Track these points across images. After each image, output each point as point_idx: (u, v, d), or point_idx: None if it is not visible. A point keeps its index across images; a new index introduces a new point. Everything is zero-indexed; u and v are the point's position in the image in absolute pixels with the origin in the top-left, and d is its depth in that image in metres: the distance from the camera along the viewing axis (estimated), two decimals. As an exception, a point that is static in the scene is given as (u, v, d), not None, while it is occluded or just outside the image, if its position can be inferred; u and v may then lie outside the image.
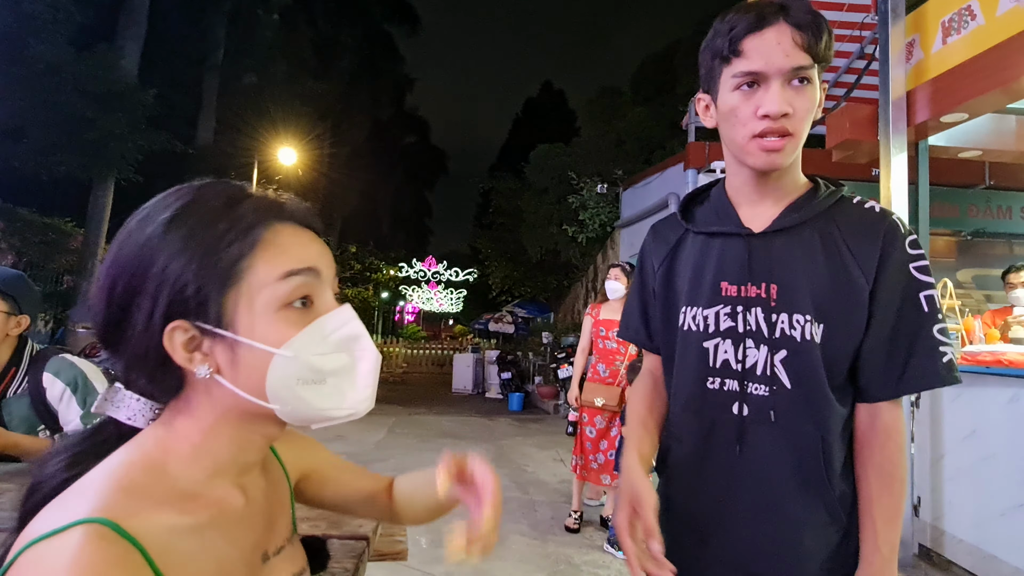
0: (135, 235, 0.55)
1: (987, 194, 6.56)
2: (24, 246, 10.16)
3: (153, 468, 0.54)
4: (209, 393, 0.56)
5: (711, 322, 0.96)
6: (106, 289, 0.55)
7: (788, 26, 0.86)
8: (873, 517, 0.87)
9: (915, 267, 0.89)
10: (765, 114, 0.87)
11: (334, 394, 0.57)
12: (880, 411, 0.90)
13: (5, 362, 1.63)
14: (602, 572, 3.08)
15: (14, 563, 0.45)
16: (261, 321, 0.54)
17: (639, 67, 16.34)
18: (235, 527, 0.58)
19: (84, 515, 0.46)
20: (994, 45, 3.14)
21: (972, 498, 2.99)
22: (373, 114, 25.51)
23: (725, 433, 0.94)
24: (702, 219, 1.04)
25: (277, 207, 0.59)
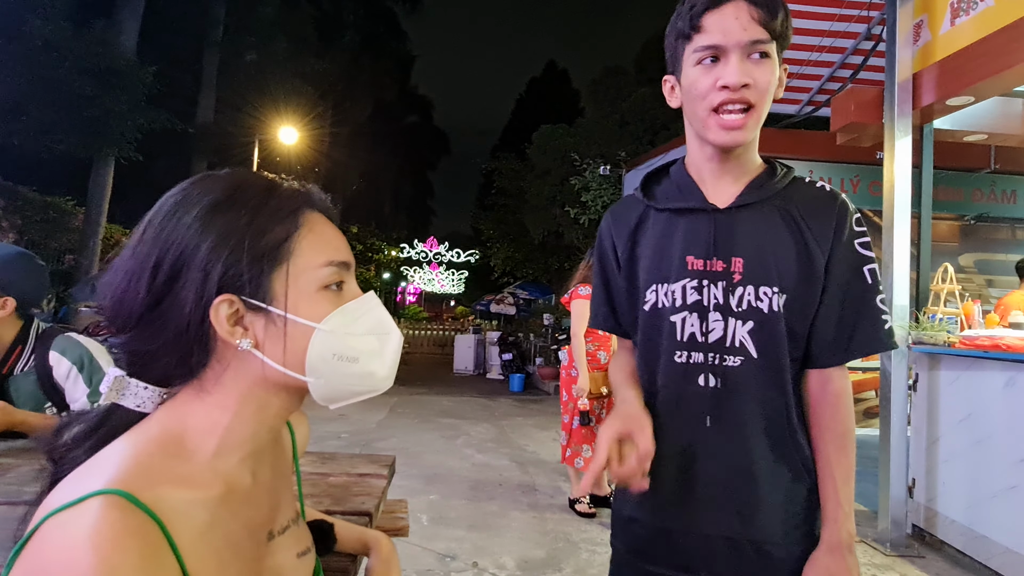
0: (179, 216, 0.57)
1: (992, 178, 6.52)
2: (25, 225, 10.16)
3: (171, 443, 0.55)
4: (238, 370, 0.58)
5: (678, 296, 0.98)
6: (150, 269, 0.55)
7: (745, 2, 0.90)
8: (834, 477, 0.93)
9: (859, 243, 0.96)
10: (724, 85, 0.90)
11: (364, 372, 0.62)
12: (831, 377, 0.96)
13: (11, 341, 1.64)
14: (599, 549, 3.13)
15: (35, 533, 0.47)
16: (302, 299, 0.59)
17: (644, 46, 16.15)
18: (244, 505, 0.60)
19: (101, 486, 0.48)
20: (1003, 27, 3.09)
21: (966, 480, 3.02)
22: (375, 93, 25.26)
23: (693, 405, 0.97)
24: (663, 196, 1.06)
25: (308, 195, 0.64)
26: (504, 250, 17.58)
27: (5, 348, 1.64)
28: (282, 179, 0.65)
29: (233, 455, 0.59)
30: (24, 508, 0.54)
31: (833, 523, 0.92)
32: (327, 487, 1.28)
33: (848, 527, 0.92)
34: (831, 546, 0.91)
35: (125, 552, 0.46)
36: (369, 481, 1.34)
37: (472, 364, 12.61)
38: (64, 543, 0.45)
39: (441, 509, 3.66)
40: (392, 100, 27.97)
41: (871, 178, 6.08)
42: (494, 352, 11.67)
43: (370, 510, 1.16)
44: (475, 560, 2.95)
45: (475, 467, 4.69)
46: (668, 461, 0.97)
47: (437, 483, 4.18)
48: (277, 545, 0.64)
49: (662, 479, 0.96)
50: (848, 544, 0.92)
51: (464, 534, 3.28)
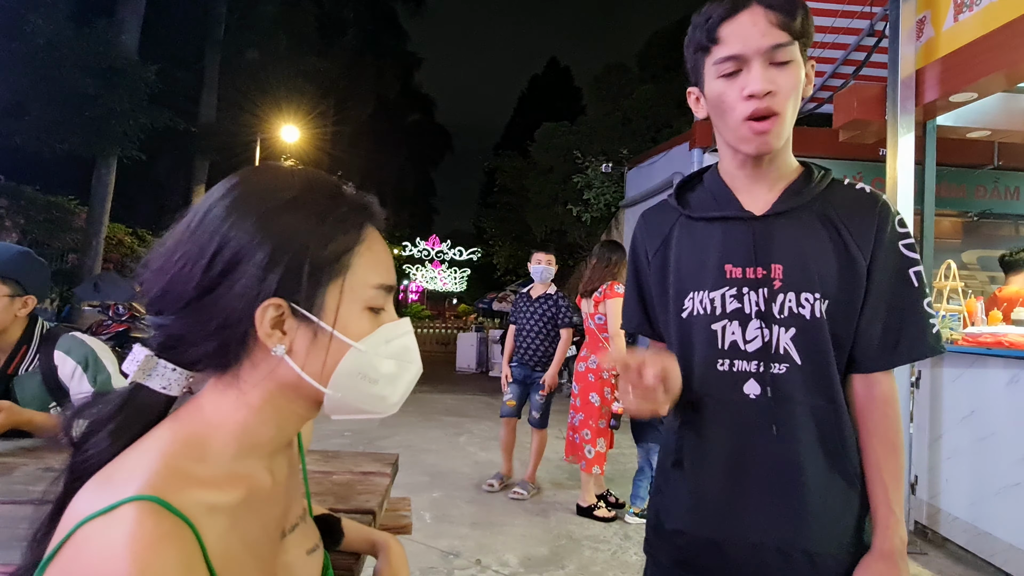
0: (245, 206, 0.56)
1: (995, 174, 6.49)
2: (28, 224, 10.20)
3: (197, 445, 0.55)
4: (266, 371, 0.58)
5: (717, 304, 0.97)
6: (208, 256, 0.55)
7: (761, 7, 0.89)
8: (884, 481, 0.92)
9: (904, 244, 0.94)
10: (750, 94, 0.89)
11: (378, 395, 0.62)
12: (877, 381, 0.95)
13: (16, 340, 1.65)
14: (602, 546, 3.13)
15: (68, 540, 0.46)
16: (347, 315, 0.59)
17: (646, 44, 16.09)
18: (262, 506, 0.60)
19: (134, 492, 0.48)
20: (1006, 22, 3.08)
21: (969, 477, 3.02)
22: (377, 92, 25.24)
23: (740, 414, 0.95)
24: (698, 204, 1.05)
25: (369, 207, 0.64)
26: (506, 248, 17.57)
27: (10, 348, 1.65)
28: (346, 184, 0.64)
29: (254, 456, 0.60)
30: (33, 507, 0.54)
31: (885, 529, 0.91)
32: (331, 485, 1.29)
33: (900, 533, 0.91)
34: (883, 553, 0.90)
35: (163, 558, 0.46)
36: (372, 479, 1.34)
37: (475, 362, 12.62)
38: (101, 552, 0.45)
39: (444, 507, 3.67)
40: (394, 98, 27.95)
41: (874, 175, 6.06)
42: (497, 350, 11.66)
43: (374, 508, 1.17)
44: (478, 558, 2.96)
45: (478, 465, 4.70)
46: (716, 470, 0.97)
47: (440, 481, 4.19)
48: (288, 543, 0.65)
49: (710, 489, 0.96)
50: (901, 550, 0.91)
51: (467, 532, 3.29)
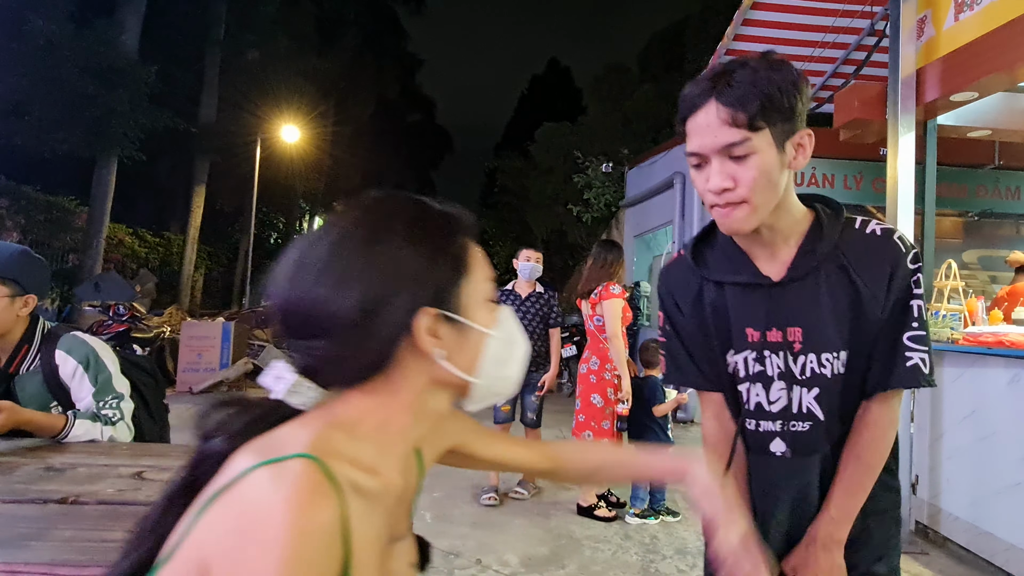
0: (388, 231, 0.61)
1: (996, 174, 6.49)
2: (29, 224, 10.20)
3: (346, 427, 0.59)
4: (411, 373, 0.63)
5: (740, 367, 1.03)
6: (366, 281, 0.59)
7: (715, 104, 0.90)
8: (840, 483, 1.00)
9: (913, 280, 0.98)
10: (710, 190, 0.93)
11: (506, 376, 0.69)
12: (868, 407, 1.01)
13: (17, 340, 1.65)
14: (602, 546, 3.13)
15: (236, 481, 0.50)
16: (478, 309, 0.66)
17: (647, 44, 16.11)
18: (389, 504, 0.63)
19: (299, 451, 0.52)
20: (1008, 21, 3.08)
21: (969, 477, 3.02)
22: (377, 92, 25.23)
23: (767, 468, 1.05)
24: (716, 266, 1.07)
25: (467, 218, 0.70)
26: (507, 248, 17.58)
27: (12, 347, 1.64)
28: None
29: (391, 455, 0.63)
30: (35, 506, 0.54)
31: (821, 519, 1.01)
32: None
33: (834, 531, 0.99)
34: (810, 538, 1.01)
35: (318, 515, 0.49)
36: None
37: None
38: (267, 496, 0.49)
39: (445, 507, 3.67)
40: (394, 99, 27.94)
41: (874, 175, 6.06)
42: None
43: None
44: (479, 557, 2.95)
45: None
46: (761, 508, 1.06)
47: (441, 481, 4.18)
48: (396, 551, 0.67)
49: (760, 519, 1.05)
50: (826, 544, 0.99)
51: (468, 531, 3.29)
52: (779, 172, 0.92)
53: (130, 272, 13.30)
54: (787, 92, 0.90)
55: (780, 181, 0.93)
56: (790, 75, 0.92)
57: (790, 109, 0.91)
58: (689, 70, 11.98)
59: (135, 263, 14.07)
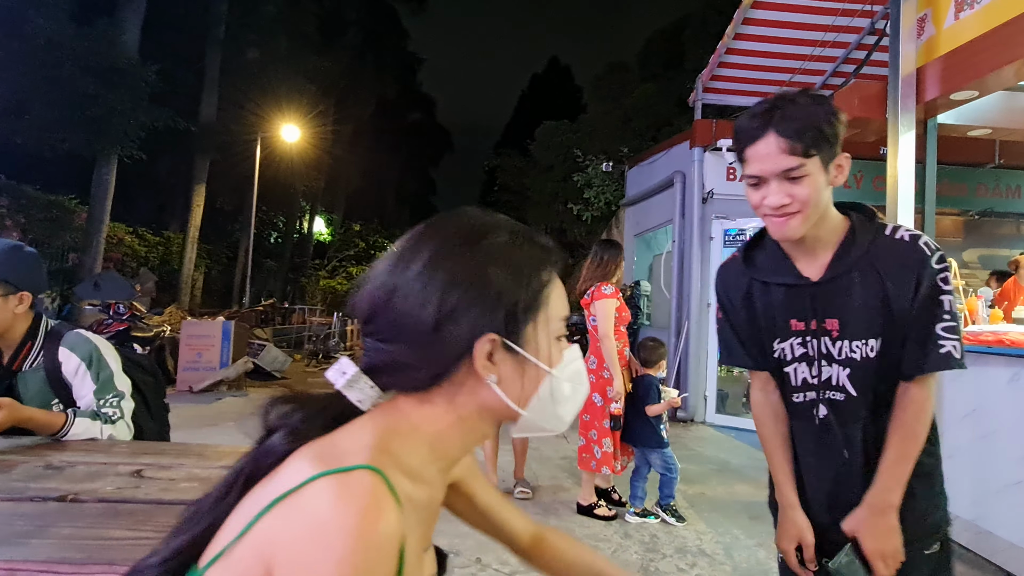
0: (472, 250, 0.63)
1: (996, 173, 6.49)
2: (29, 223, 10.20)
3: (401, 436, 0.61)
4: (468, 393, 0.64)
5: (787, 352, 1.25)
6: (441, 297, 0.60)
7: (774, 135, 1.09)
8: (889, 455, 1.16)
9: (940, 278, 1.13)
10: (771, 206, 1.13)
11: (558, 415, 0.69)
12: (910, 387, 1.16)
13: (21, 337, 1.64)
14: (602, 545, 3.13)
15: (301, 488, 0.51)
16: (545, 345, 0.66)
17: (647, 42, 16.10)
18: (429, 516, 0.66)
19: (363, 462, 0.54)
20: (1008, 20, 3.08)
21: (970, 476, 3.02)
22: (378, 91, 25.24)
23: (811, 430, 1.25)
24: (763, 268, 1.28)
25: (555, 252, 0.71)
26: (507, 247, 17.51)
27: (16, 344, 1.64)
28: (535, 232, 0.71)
29: (437, 466, 0.65)
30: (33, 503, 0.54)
31: (876, 488, 1.16)
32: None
33: (888, 496, 1.14)
34: (868, 503, 1.16)
35: (384, 526, 0.51)
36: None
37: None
38: (337, 505, 0.50)
39: (444, 505, 3.67)
40: (395, 98, 27.95)
41: (874, 173, 6.06)
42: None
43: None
44: (478, 556, 2.96)
45: (479, 464, 4.70)
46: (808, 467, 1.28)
47: (440, 479, 4.19)
48: (425, 559, 0.69)
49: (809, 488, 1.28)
50: (882, 507, 1.15)
51: (467, 530, 3.22)
52: (824, 189, 1.13)
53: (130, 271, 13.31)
54: (831, 123, 1.10)
55: (824, 197, 1.13)
56: (831, 108, 1.12)
57: (834, 136, 1.11)
58: (689, 69, 11.97)
59: (135, 262, 14.08)
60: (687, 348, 6.61)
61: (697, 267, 6.62)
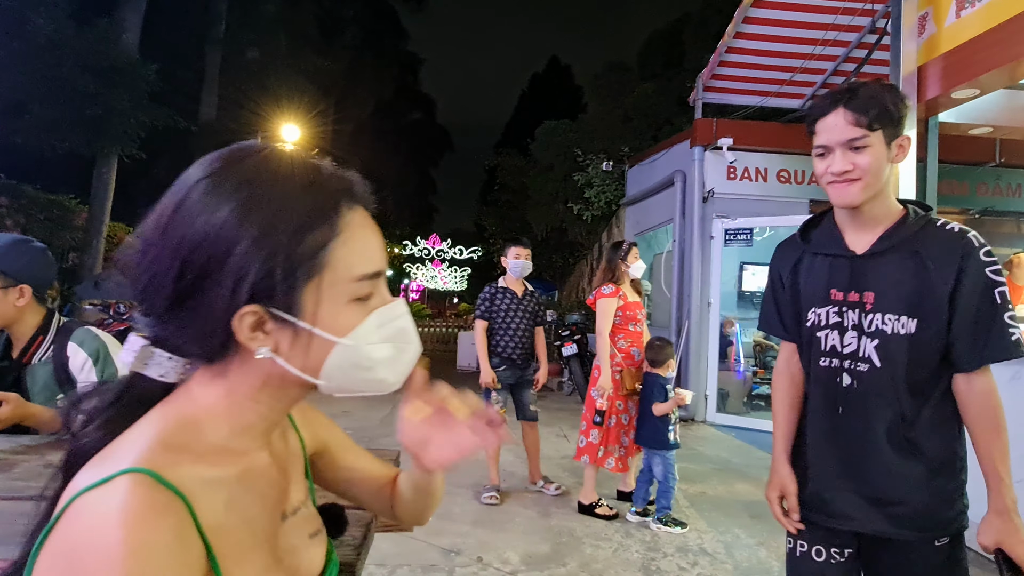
0: (213, 205, 0.54)
1: (997, 171, 6.49)
2: (29, 223, 10.18)
3: (188, 425, 0.56)
4: (255, 365, 0.57)
5: (823, 318, 1.32)
6: (178, 266, 0.53)
7: (843, 109, 1.22)
8: (991, 457, 1.18)
9: (990, 271, 1.20)
10: (834, 172, 1.24)
11: (376, 379, 0.61)
12: (975, 378, 1.21)
13: (33, 331, 1.67)
14: (603, 544, 3.13)
15: (64, 512, 0.47)
16: (329, 311, 0.57)
17: (647, 42, 16.08)
18: (260, 483, 0.61)
19: (127, 466, 0.48)
20: (1009, 18, 3.07)
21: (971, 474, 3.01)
22: (377, 91, 25.24)
23: (832, 397, 1.31)
24: (817, 241, 1.37)
25: (350, 188, 0.60)
26: (507, 246, 17.52)
27: (27, 337, 1.67)
28: (324, 164, 0.61)
29: (246, 436, 0.60)
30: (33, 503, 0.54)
31: (995, 492, 1.17)
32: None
33: (1010, 495, 1.16)
34: (997, 510, 1.17)
35: (154, 529, 0.46)
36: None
37: (475, 361, 12.59)
38: (93, 521, 0.46)
39: (446, 504, 3.67)
40: (394, 97, 27.96)
41: (875, 172, 6.06)
42: (498, 349, 11.66)
43: (375, 504, 1.16)
44: (479, 555, 2.96)
45: (479, 463, 4.69)
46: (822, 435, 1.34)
47: (441, 479, 4.18)
48: (290, 525, 0.65)
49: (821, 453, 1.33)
50: (1012, 508, 1.16)
51: (468, 529, 3.29)
52: (885, 164, 1.22)
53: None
54: (896, 105, 1.21)
55: (885, 172, 1.23)
56: (898, 93, 1.24)
57: (898, 118, 1.22)
58: (689, 68, 11.95)
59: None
60: (687, 347, 6.61)
61: (697, 266, 6.62)
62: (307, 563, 0.66)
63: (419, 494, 0.83)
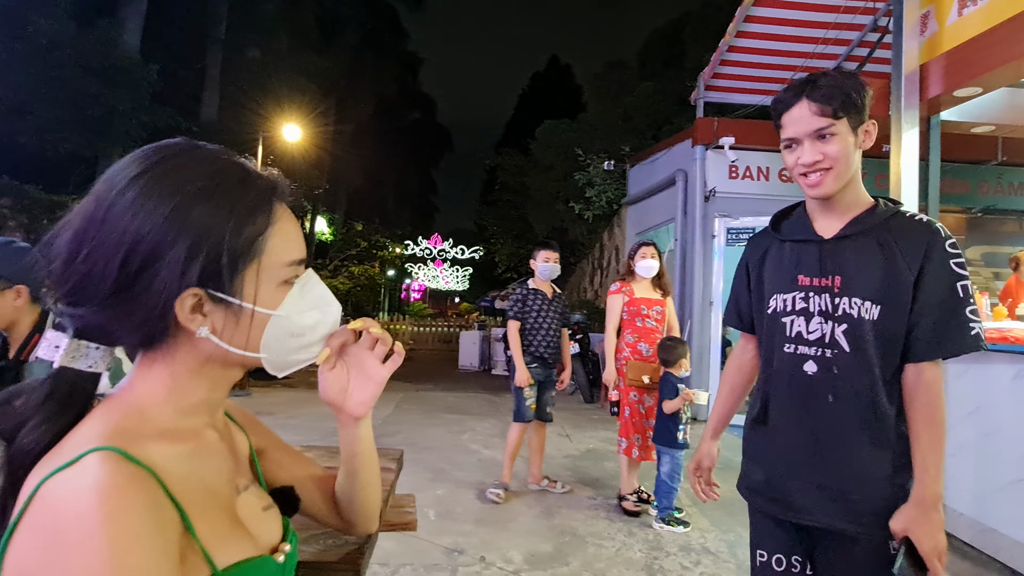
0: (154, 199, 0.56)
1: (999, 170, 6.48)
2: (31, 223, 10.20)
3: (134, 413, 0.59)
4: (190, 347, 0.61)
5: (789, 304, 1.31)
6: (122, 255, 0.55)
7: (807, 101, 1.22)
8: (921, 446, 1.18)
9: (955, 263, 1.19)
10: (804, 164, 1.25)
11: (307, 344, 0.69)
12: (923, 369, 1.20)
13: (28, 330, 1.69)
14: (606, 543, 3.13)
15: (34, 497, 0.48)
16: (265, 292, 0.63)
17: (646, 41, 16.08)
18: (214, 457, 0.65)
19: (94, 445, 0.51)
20: (1011, 16, 3.07)
21: (973, 473, 3.01)
22: (378, 90, 25.21)
23: (797, 385, 1.29)
24: (787, 230, 1.38)
25: (275, 185, 0.67)
26: (508, 246, 17.57)
27: (24, 336, 1.69)
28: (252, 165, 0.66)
29: (192, 415, 0.64)
30: None
31: (919, 483, 1.17)
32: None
33: (933, 488, 1.15)
34: (917, 500, 1.16)
35: (130, 498, 0.49)
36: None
37: (477, 360, 12.61)
38: (69, 497, 0.47)
39: (448, 504, 3.67)
40: (395, 97, 27.92)
41: (877, 171, 6.03)
42: (499, 348, 11.64)
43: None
44: (482, 554, 2.96)
45: (481, 462, 4.70)
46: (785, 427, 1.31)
47: (444, 478, 4.19)
48: (243, 499, 0.68)
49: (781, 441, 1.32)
50: (932, 501, 1.15)
51: (471, 528, 3.29)
52: (853, 151, 1.24)
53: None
54: (859, 93, 1.22)
55: (854, 159, 1.24)
56: (859, 81, 1.24)
57: (861, 105, 1.22)
58: (689, 67, 11.94)
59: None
60: (689, 347, 6.60)
61: (699, 265, 6.61)
62: (266, 532, 0.69)
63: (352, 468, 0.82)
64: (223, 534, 0.60)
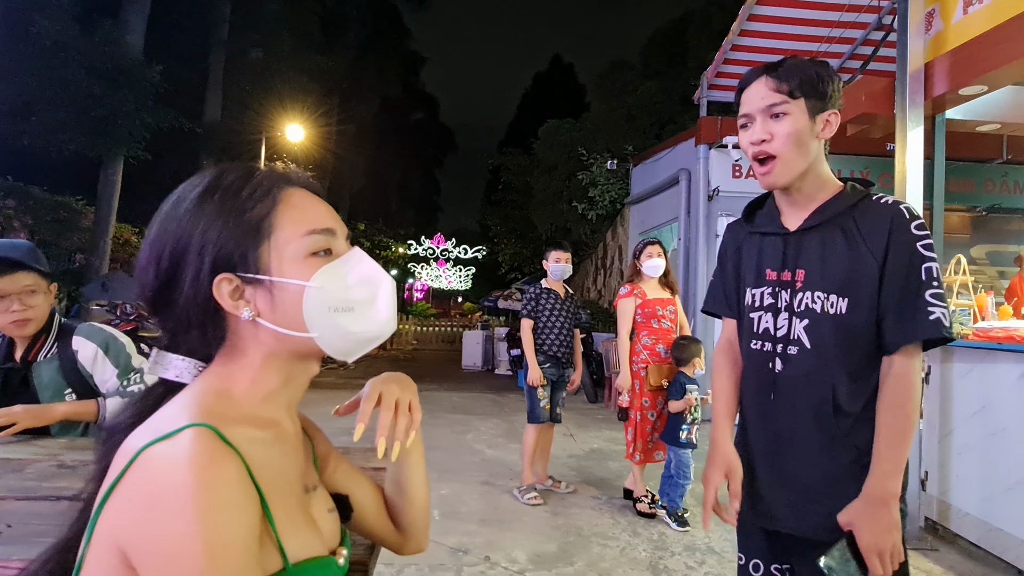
0: (173, 212, 0.65)
1: (1004, 169, 6.45)
2: (36, 224, 10.25)
3: (221, 395, 0.63)
4: (255, 337, 0.66)
5: (757, 299, 1.27)
6: (154, 261, 0.64)
7: (765, 77, 1.19)
8: (880, 439, 1.11)
9: (921, 245, 1.11)
10: (751, 141, 1.20)
11: (362, 319, 0.68)
12: (895, 359, 1.13)
13: (38, 329, 1.72)
14: (611, 543, 3.13)
15: (132, 464, 0.52)
16: (290, 266, 0.65)
17: (649, 40, 16.04)
18: (291, 450, 0.68)
19: (189, 421, 0.55)
20: (1017, 14, 3.05)
21: (979, 473, 3.00)
22: (381, 90, 25.23)
23: (764, 383, 1.25)
24: (758, 221, 1.33)
25: (285, 174, 0.71)
26: (511, 246, 17.57)
27: (30, 337, 1.71)
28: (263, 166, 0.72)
29: (271, 404, 0.67)
30: (47, 503, 0.56)
31: (871, 477, 1.10)
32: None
33: (887, 484, 1.08)
34: (866, 496, 1.09)
35: (222, 472, 0.52)
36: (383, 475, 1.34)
37: (480, 360, 12.62)
38: (166, 466, 0.51)
39: (453, 504, 3.67)
40: (398, 97, 27.93)
41: (882, 169, 6.03)
42: (502, 348, 11.64)
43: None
44: (487, 554, 2.96)
45: (486, 462, 4.70)
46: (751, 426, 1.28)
47: (448, 478, 4.19)
48: (312, 497, 0.71)
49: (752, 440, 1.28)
50: (881, 496, 1.07)
51: (476, 528, 3.29)
52: (809, 137, 1.17)
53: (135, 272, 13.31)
54: (823, 78, 1.17)
55: (810, 146, 1.17)
56: (827, 69, 1.19)
57: (823, 91, 1.16)
58: (692, 66, 11.91)
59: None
60: (693, 346, 6.60)
61: (703, 265, 6.60)
62: (328, 532, 0.72)
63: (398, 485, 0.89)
64: (297, 526, 0.63)
